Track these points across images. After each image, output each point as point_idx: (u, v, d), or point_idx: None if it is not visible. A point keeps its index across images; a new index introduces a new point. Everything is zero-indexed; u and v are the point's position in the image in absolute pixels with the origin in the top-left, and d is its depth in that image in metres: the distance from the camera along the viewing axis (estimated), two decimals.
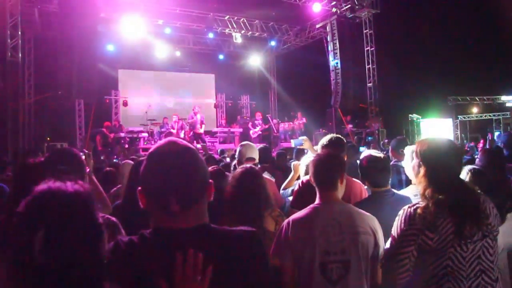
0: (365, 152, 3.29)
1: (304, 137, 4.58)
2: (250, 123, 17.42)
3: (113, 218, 2.12)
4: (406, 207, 2.03)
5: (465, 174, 2.67)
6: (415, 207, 1.98)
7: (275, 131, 17.80)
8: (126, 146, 14.11)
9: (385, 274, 2.11)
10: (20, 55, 11.50)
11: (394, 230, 2.02)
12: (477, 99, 22.74)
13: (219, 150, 11.17)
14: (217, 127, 18.51)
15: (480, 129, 22.19)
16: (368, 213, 2.38)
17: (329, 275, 2.15)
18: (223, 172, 3.41)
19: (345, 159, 3.38)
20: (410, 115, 19.24)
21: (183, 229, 1.28)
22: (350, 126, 16.29)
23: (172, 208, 1.24)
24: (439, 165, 2.00)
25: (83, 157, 2.56)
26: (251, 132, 16.82)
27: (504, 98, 22.54)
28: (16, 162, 8.45)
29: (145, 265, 1.22)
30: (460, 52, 21.19)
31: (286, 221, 2.34)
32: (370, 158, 2.98)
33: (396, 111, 19.13)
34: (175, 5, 15.74)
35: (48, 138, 14.49)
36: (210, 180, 1.38)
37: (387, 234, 2.47)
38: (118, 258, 1.24)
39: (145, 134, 15.37)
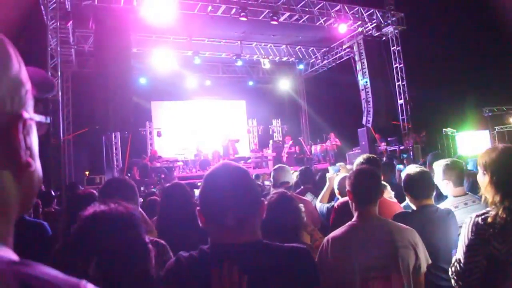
0: (408, 167, 3.33)
1: (341, 163, 4.62)
2: (272, 145, 17.63)
3: (161, 241, 2.23)
4: (473, 215, 2.05)
5: None
6: (483, 216, 1.99)
7: (309, 153, 17.79)
8: (163, 176, 14.40)
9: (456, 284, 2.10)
10: (60, 93, 12.04)
11: (462, 239, 2.04)
12: None
13: (254, 175, 11.27)
14: (250, 152, 18.66)
15: None
16: (407, 227, 2.39)
17: None
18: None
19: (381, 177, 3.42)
20: (444, 129, 18.90)
21: (239, 244, 1.37)
22: (383, 144, 16.14)
23: (228, 222, 1.34)
24: (505, 171, 2.00)
25: None
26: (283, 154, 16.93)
27: None
28: (61, 194, 8.76)
29: (205, 277, 1.31)
30: (492, 61, 20.81)
31: (325, 239, 2.38)
32: (415, 171, 3.01)
33: (430, 126, 18.80)
34: (203, 36, 16.18)
35: (87, 172, 14.95)
36: (262, 199, 1.47)
37: (432, 247, 2.51)
38: (179, 271, 1.34)
39: (180, 163, 15.65)
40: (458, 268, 2.04)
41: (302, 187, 4.98)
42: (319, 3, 14.78)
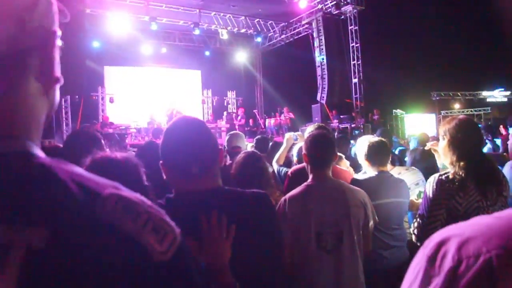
0: (364, 137, 3.51)
1: (299, 133, 4.73)
2: (234, 117, 17.67)
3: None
4: (436, 175, 2.25)
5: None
6: (445, 174, 2.21)
7: (262, 127, 17.96)
8: (113, 142, 14.15)
9: (416, 240, 2.28)
10: None
11: (426, 195, 2.22)
12: (459, 95, 23.27)
13: None
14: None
15: None
16: (358, 188, 2.56)
17: (324, 245, 2.31)
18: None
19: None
20: (394, 110, 19.57)
21: (204, 190, 1.43)
22: (335, 121, 16.53)
23: (193, 170, 1.39)
24: (461, 136, 2.21)
25: None
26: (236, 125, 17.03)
27: (484, 93, 23.13)
28: None
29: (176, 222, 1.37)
30: (443, 48, 21.62)
31: (282, 199, 2.49)
32: (375, 140, 3.21)
33: (381, 106, 19.41)
34: (161, 2, 15.78)
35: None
36: (220, 147, 1.54)
37: (384, 208, 2.77)
38: None
39: (133, 130, 15.41)
40: (421, 222, 2.22)
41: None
42: None
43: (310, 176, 2.54)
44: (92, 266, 0.49)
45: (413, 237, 2.30)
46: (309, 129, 3.91)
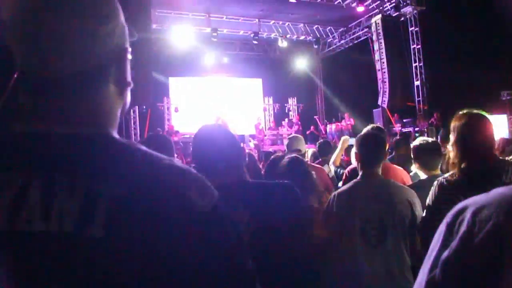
0: (418, 138, 3.50)
1: (345, 136, 4.88)
2: (288, 123, 17.86)
3: None
4: (440, 178, 2.28)
5: None
6: (447, 177, 2.21)
7: (323, 133, 17.97)
8: (179, 150, 14.76)
9: (423, 241, 2.36)
10: None
11: (429, 199, 2.27)
12: None
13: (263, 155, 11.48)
14: (266, 129, 18.93)
15: None
16: (407, 187, 2.65)
17: (369, 240, 2.43)
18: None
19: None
20: (460, 112, 18.79)
21: (228, 184, 1.63)
22: (398, 125, 16.22)
23: (218, 165, 1.62)
24: (467, 134, 2.15)
25: None
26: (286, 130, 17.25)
27: None
28: None
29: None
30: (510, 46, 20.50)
31: (332, 194, 2.65)
32: (426, 141, 3.18)
33: (447, 109, 18.72)
34: (222, 13, 16.31)
35: None
36: (242, 145, 1.81)
37: None
38: None
39: None
40: (424, 225, 2.28)
41: (320, 159, 5.28)
42: None
43: (360, 174, 2.67)
44: (154, 212, 0.69)
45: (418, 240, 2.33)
46: (365, 129, 4.01)
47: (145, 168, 0.73)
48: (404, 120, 16.48)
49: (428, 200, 2.29)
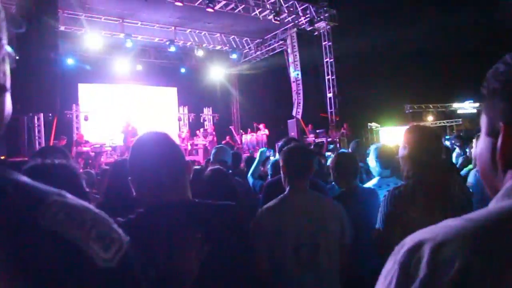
0: (374, 144, 3.61)
1: (263, 148, 4.85)
2: (203, 133, 17.72)
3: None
4: (391, 188, 2.24)
5: None
6: (400, 188, 2.20)
7: (239, 143, 17.98)
8: (90, 161, 13.96)
9: (377, 253, 2.29)
10: None
11: (381, 211, 2.22)
12: (431, 107, 23.87)
13: None
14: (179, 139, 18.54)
15: None
16: (336, 202, 2.57)
17: (301, 258, 2.31)
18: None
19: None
20: (369, 123, 19.87)
21: (172, 204, 1.43)
22: (312, 135, 16.66)
23: (164, 180, 1.40)
24: (418, 147, 2.21)
25: None
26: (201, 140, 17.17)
27: (455, 105, 23.83)
28: None
29: (145, 235, 1.34)
30: (415, 62, 22.20)
31: (259, 211, 2.49)
32: (341, 155, 3.29)
33: (356, 120, 19.70)
34: (136, 19, 15.76)
35: (2, 157, 13.99)
36: (187, 160, 1.56)
37: (358, 223, 2.71)
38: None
39: (108, 148, 15.21)
40: (379, 235, 2.24)
41: (230, 171, 5.11)
42: None
43: (287, 188, 2.54)
44: (35, 272, 0.49)
45: (375, 249, 2.32)
46: (281, 143, 3.95)
47: (22, 213, 0.52)
48: (317, 131, 16.97)
49: (380, 213, 2.25)
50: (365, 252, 2.94)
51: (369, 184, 3.36)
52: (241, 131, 19.96)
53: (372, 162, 3.40)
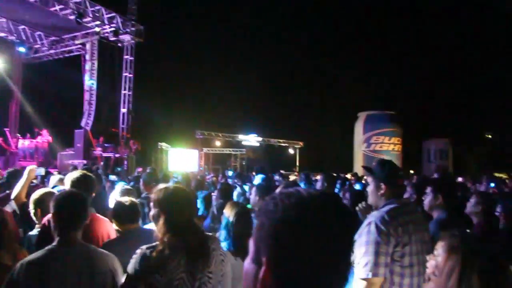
0: (116, 196, 3.40)
1: (32, 166, 4.16)
2: None
3: None
4: (144, 247, 2.14)
5: None
6: (151, 249, 2.09)
7: (14, 147, 16.01)
8: None
9: None
10: None
11: (130, 268, 2.11)
12: (220, 135, 25.55)
13: None
14: None
15: (220, 161, 25.23)
16: (108, 253, 2.41)
17: None
18: None
19: (93, 195, 3.40)
20: (159, 143, 20.11)
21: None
22: (99, 149, 15.88)
23: None
24: (174, 210, 2.19)
25: None
26: None
27: (241, 137, 26.21)
28: None
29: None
30: (208, 92, 23.63)
31: (19, 263, 2.16)
32: (124, 200, 3.17)
33: (147, 139, 19.71)
34: None
35: None
36: None
37: None
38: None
39: None
40: None
41: (7, 191, 4.37)
42: None
43: (56, 239, 2.28)
44: None
45: None
46: (72, 177, 3.45)
47: None
48: (106, 145, 16.27)
49: (129, 269, 2.14)
50: None
51: (150, 226, 3.28)
52: (18, 134, 17.72)
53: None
